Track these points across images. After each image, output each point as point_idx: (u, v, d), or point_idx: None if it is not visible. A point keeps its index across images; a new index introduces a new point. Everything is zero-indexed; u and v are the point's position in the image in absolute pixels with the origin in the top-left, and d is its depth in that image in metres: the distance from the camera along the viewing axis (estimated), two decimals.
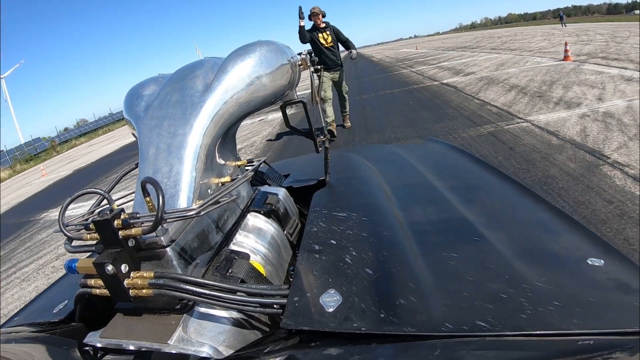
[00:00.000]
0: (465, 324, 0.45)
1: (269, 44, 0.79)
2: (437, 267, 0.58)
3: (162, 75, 0.87)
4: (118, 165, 9.90)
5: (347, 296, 0.53)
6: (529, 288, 0.50)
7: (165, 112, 0.71)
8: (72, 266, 0.57)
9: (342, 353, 0.45)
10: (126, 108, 0.83)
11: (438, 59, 16.19)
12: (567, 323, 0.43)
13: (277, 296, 0.55)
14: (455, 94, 7.11)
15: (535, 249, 0.60)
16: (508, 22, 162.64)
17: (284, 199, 0.93)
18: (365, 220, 0.76)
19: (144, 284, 0.52)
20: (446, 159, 1.20)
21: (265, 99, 0.79)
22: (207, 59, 0.80)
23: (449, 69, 11.51)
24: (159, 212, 0.50)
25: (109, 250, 0.53)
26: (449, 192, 0.85)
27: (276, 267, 0.76)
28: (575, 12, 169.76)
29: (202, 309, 0.57)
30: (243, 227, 0.77)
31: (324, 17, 5.18)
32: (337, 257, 0.63)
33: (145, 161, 0.68)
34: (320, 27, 5.18)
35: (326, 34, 5.19)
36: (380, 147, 1.60)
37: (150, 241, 0.56)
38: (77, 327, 0.67)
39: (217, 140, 0.73)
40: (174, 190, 0.64)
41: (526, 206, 0.76)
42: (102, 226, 0.53)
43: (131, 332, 0.55)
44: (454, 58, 15.08)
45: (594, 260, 0.53)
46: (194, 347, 0.51)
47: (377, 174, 1.07)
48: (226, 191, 0.64)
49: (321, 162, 1.05)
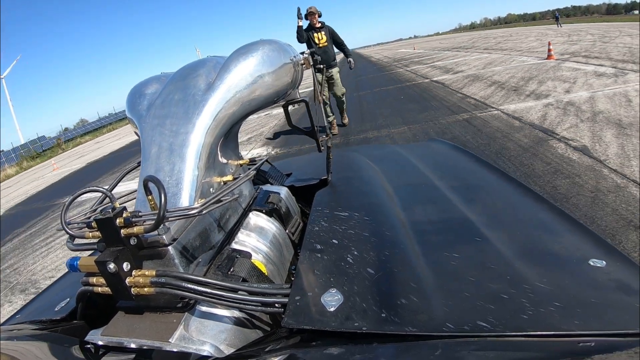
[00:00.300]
0: (466, 324, 0.45)
1: (272, 43, 0.79)
2: (438, 267, 0.58)
3: (164, 74, 0.87)
4: (129, 158, 10.54)
5: (348, 296, 0.53)
6: (530, 288, 0.49)
7: (168, 111, 0.71)
8: (74, 264, 0.57)
9: (343, 352, 0.45)
10: (129, 107, 0.83)
11: (433, 58, 17.18)
12: (568, 324, 0.43)
13: (279, 295, 0.55)
14: (442, 89, 7.87)
15: (536, 250, 0.60)
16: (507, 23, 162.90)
17: (286, 198, 0.93)
18: (367, 219, 0.76)
19: (146, 282, 0.52)
20: (448, 158, 1.20)
21: (267, 98, 0.79)
22: (210, 58, 0.80)
23: (440, 68, 12.34)
24: (161, 210, 0.50)
25: (111, 249, 0.53)
26: (450, 192, 0.85)
27: (278, 266, 0.75)
28: (575, 12, 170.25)
29: (203, 307, 0.57)
30: (245, 226, 0.77)
31: (319, 17, 5.29)
32: (338, 257, 0.63)
33: (147, 160, 0.68)
34: (315, 26, 5.30)
35: (321, 34, 5.31)
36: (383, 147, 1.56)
37: (152, 240, 0.56)
38: (78, 325, 0.67)
39: (219, 139, 0.73)
40: (176, 188, 0.64)
41: (528, 206, 0.75)
42: (104, 224, 0.53)
43: (132, 330, 0.55)
44: (448, 58, 16.03)
45: (595, 261, 0.53)
46: (195, 346, 0.51)
47: (379, 173, 1.07)
48: (228, 190, 0.64)
49: (323, 161, 1.05)
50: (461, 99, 6.42)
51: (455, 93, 7.10)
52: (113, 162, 10.72)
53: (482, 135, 4.22)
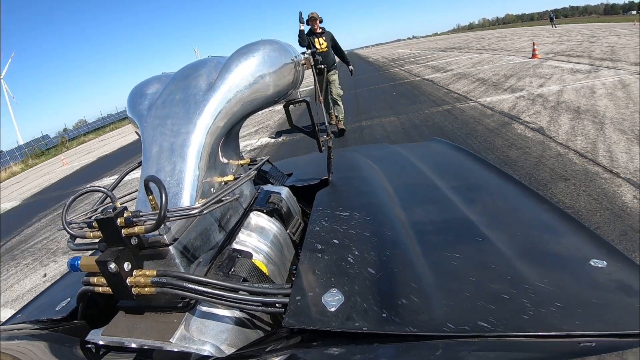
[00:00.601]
0: (467, 324, 0.45)
1: (273, 43, 0.79)
2: (439, 267, 0.58)
3: (165, 74, 0.87)
4: (138, 153, 11.15)
5: (349, 296, 0.53)
6: (531, 289, 0.49)
7: (169, 111, 0.71)
8: (74, 264, 0.57)
9: (343, 352, 0.45)
10: (130, 106, 0.83)
11: (427, 58, 18.42)
12: (569, 324, 0.43)
13: (280, 295, 0.55)
14: (431, 86, 8.76)
15: (537, 250, 0.60)
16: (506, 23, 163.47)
17: (287, 198, 0.93)
18: (367, 219, 0.76)
19: (147, 282, 0.52)
20: (448, 158, 1.20)
21: (268, 98, 0.79)
22: (211, 58, 0.80)
23: (433, 67, 13.36)
24: (162, 210, 0.50)
25: (111, 248, 0.54)
26: (451, 192, 0.85)
27: (279, 266, 0.75)
28: (573, 12, 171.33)
29: (204, 307, 0.57)
30: (246, 226, 0.77)
31: (320, 22, 5.49)
32: (339, 257, 0.63)
33: (148, 160, 0.69)
34: (316, 32, 5.49)
35: (322, 39, 5.49)
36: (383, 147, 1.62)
37: (153, 239, 0.56)
38: (79, 325, 0.68)
39: (220, 139, 0.73)
40: (176, 188, 0.64)
41: (528, 207, 0.75)
42: (105, 224, 0.53)
43: (133, 330, 0.55)
44: (441, 58, 17.17)
45: (596, 262, 0.53)
46: (195, 346, 0.51)
47: (380, 173, 1.07)
48: (229, 190, 0.64)
49: (324, 161, 1.05)
50: (446, 94, 7.28)
51: (442, 89, 8.00)
52: (123, 157, 11.45)
53: (458, 122, 5.03)
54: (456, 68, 11.34)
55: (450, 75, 10.00)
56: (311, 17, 5.42)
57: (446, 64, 13.46)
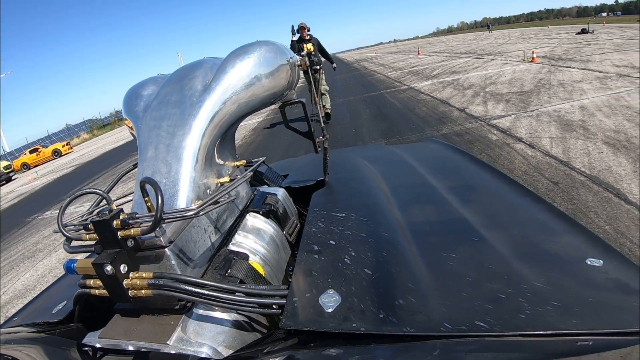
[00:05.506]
0: (464, 324, 0.45)
1: (269, 44, 0.79)
2: (436, 267, 0.58)
3: (161, 76, 0.87)
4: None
5: (346, 296, 0.53)
6: (528, 288, 0.49)
7: (165, 113, 0.71)
8: (71, 266, 0.57)
9: (341, 353, 0.45)
10: (125, 108, 0.82)
11: (382, 58, 26.17)
12: (566, 323, 0.43)
13: (276, 296, 0.55)
14: (376, 75, 14.60)
15: (534, 249, 0.60)
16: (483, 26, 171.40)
17: (283, 199, 0.93)
18: (364, 220, 0.76)
19: (143, 285, 0.52)
20: (445, 159, 1.21)
21: (264, 99, 0.79)
22: (207, 59, 0.80)
23: (381, 64, 20.50)
24: (158, 212, 0.50)
25: (108, 251, 0.53)
26: (447, 192, 0.85)
27: (275, 267, 0.75)
28: (548, 15, 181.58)
29: (201, 309, 0.56)
30: (242, 227, 0.77)
31: (308, 30, 6.71)
32: (336, 258, 0.63)
33: (144, 161, 0.68)
34: (305, 38, 6.64)
35: (311, 44, 6.57)
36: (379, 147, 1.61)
37: (149, 241, 0.56)
38: (76, 328, 0.67)
39: (216, 140, 0.73)
40: (172, 190, 0.63)
41: (525, 206, 0.76)
42: (101, 226, 0.53)
43: (130, 332, 0.55)
44: (392, 58, 24.28)
45: (593, 261, 0.53)
46: (193, 348, 0.51)
47: (376, 174, 1.08)
48: (225, 191, 0.63)
49: (320, 162, 1.05)
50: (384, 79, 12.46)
51: (380, 75, 13.86)
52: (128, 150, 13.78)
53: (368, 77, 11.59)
54: (397, 63, 18.49)
55: (389, 68, 16.71)
56: (301, 26, 6.64)
57: (392, 61, 20.79)
